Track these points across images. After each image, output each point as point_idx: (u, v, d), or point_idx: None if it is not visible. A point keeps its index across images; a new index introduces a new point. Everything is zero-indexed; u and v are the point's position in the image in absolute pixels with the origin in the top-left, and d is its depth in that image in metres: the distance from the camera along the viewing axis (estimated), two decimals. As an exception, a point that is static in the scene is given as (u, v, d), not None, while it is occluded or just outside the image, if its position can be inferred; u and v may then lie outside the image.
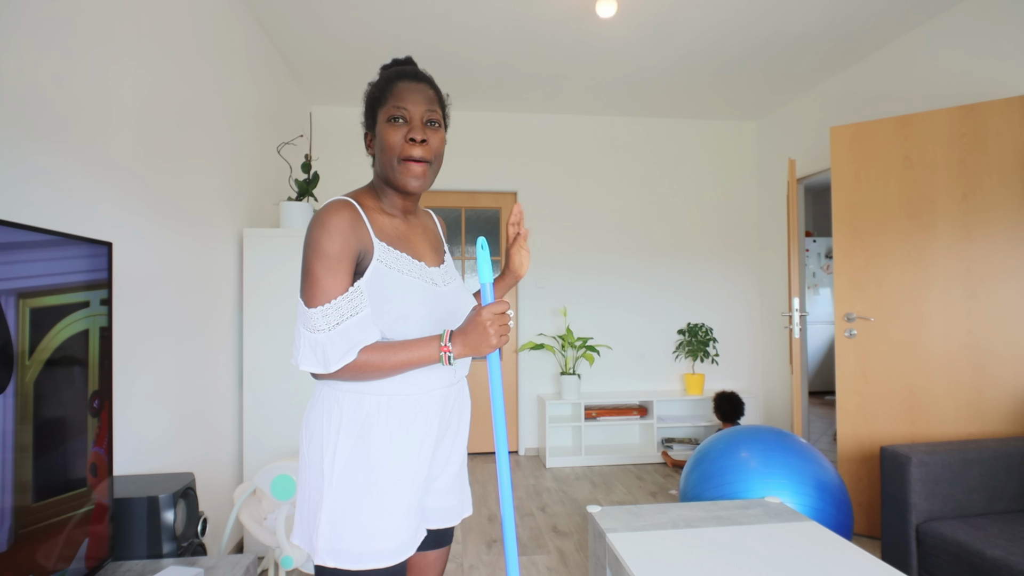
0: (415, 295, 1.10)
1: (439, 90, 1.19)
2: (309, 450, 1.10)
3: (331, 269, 1.02)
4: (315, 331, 1.01)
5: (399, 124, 1.11)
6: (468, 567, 2.63)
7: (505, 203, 4.79)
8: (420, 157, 1.11)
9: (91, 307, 1.31)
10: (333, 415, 1.08)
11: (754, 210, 4.98)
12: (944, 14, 3.12)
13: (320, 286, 1.01)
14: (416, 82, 1.14)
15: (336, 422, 1.07)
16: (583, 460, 4.34)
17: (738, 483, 2.30)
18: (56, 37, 1.57)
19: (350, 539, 1.04)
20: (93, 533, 1.30)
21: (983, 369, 2.68)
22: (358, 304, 1.04)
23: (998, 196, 2.67)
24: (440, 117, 1.15)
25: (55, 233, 1.19)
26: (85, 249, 1.30)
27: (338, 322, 1.01)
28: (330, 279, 1.02)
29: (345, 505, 1.05)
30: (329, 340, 1.00)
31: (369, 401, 1.08)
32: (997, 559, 1.82)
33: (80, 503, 1.26)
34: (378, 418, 1.08)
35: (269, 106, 3.39)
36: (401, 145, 1.11)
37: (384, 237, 1.12)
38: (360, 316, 1.03)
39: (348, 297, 1.03)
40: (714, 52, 3.62)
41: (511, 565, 1.16)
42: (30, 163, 1.47)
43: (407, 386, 1.10)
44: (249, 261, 2.82)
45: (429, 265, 1.19)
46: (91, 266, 1.32)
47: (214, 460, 2.58)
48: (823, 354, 7.15)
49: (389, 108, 1.12)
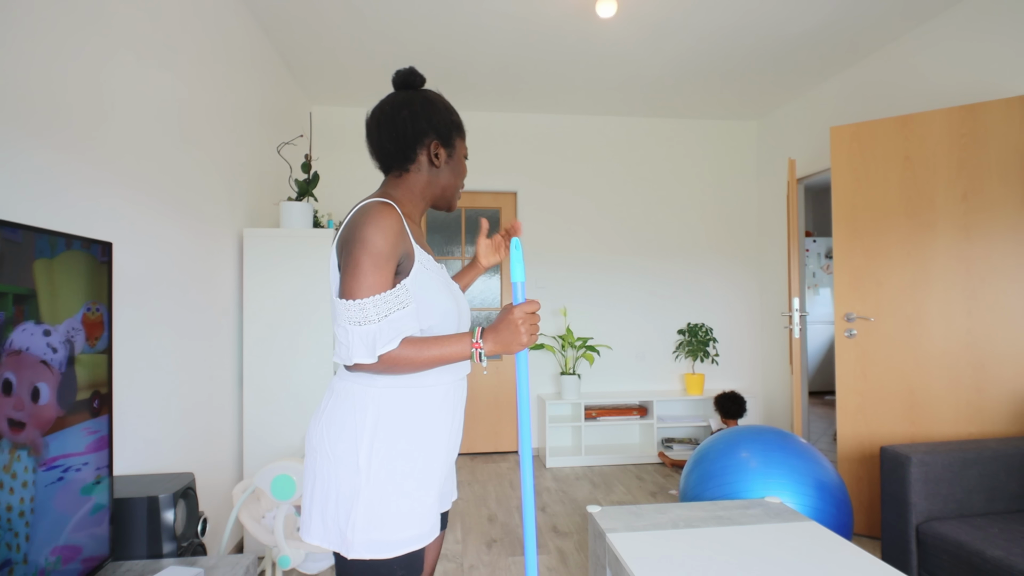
0: (449, 295, 1.19)
1: None
2: (336, 447, 1.11)
3: (380, 267, 1.07)
4: (365, 323, 1.04)
5: (465, 163, 1.26)
6: (468, 567, 2.63)
7: (505, 203, 4.79)
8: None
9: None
10: (369, 410, 1.11)
11: (754, 210, 4.98)
12: (944, 14, 3.12)
13: (370, 280, 1.06)
14: None
15: (373, 416, 1.11)
16: (583, 460, 4.34)
17: (738, 483, 2.30)
18: (55, 35, 1.57)
19: (388, 528, 1.09)
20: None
21: (983, 369, 2.68)
22: (405, 299, 1.09)
23: (998, 196, 2.67)
24: None
25: (55, 233, 1.19)
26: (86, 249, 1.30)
27: (387, 313, 1.06)
28: (380, 275, 1.06)
29: (385, 496, 1.09)
30: (379, 329, 1.05)
31: (402, 394, 1.13)
32: (997, 559, 1.82)
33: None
34: (412, 409, 1.14)
35: (269, 106, 3.39)
36: (462, 180, 1.31)
37: (419, 242, 1.20)
38: (408, 310, 1.08)
39: (396, 292, 1.08)
40: (714, 52, 3.62)
41: (530, 565, 1.23)
42: (29, 163, 1.47)
43: (427, 377, 1.16)
44: (249, 261, 2.82)
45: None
46: (91, 266, 1.32)
47: (214, 460, 2.58)
48: (823, 354, 7.15)
49: (463, 145, 1.30)
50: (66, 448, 1.20)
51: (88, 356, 1.29)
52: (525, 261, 4.69)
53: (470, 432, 4.66)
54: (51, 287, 1.16)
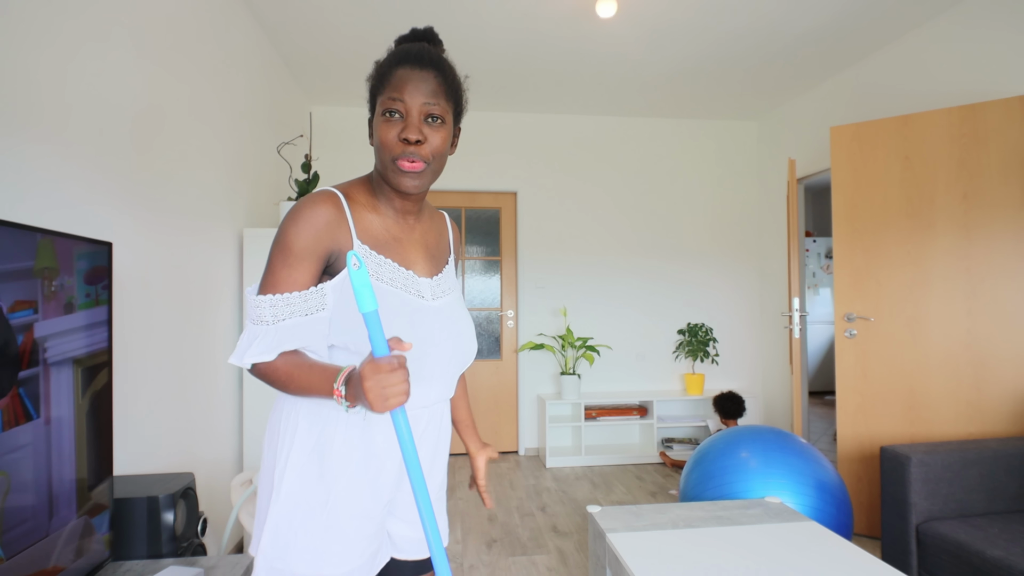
0: (390, 308, 0.96)
1: (450, 74, 1.02)
2: (266, 456, 1.01)
3: (290, 265, 0.92)
4: (257, 322, 0.91)
5: (394, 120, 0.97)
6: (468, 567, 2.63)
7: (505, 203, 4.79)
8: (412, 158, 0.97)
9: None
10: (291, 420, 0.98)
11: (754, 210, 4.98)
12: (944, 14, 3.12)
13: (274, 278, 0.92)
14: (419, 68, 0.97)
15: (292, 428, 0.97)
16: (583, 460, 4.34)
17: (738, 483, 2.30)
18: (55, 35, 1.57)
19: (294, 559, 0.94)
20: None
21: (983, 369, 2.68)
22: (314, 305, 0.93)
23: (998, 196, 2.67)
24: (444, 110, 0.99)
25: (55, 233, 1.19)
26: (85, 249, 1.30)
27: (285, 318, 0.91)
28: (286, 273, 0.92)
29: (292, 521, 0.95)
30: (265, 333, 0.91)
31: (329, 410, 0.97)
32: (997, 559, 1.82)
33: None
34: (337, 428, 0.97)
35: (269, 106, 3.40)
36: (394, 144, 0.97)
37: (368, 239, 1.00)
38: (312, 318, 0.93)
39: (305, 296, 0.93)
40: (714, 52, 3.62)
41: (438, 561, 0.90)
42: (29, 163, 1.47)
43: None
44: (249, 261, 2.82)
45: (420, 275, 1.06)
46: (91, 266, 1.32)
47: (214, 460, 2.58)
48: (823, 354, 7.15)
49: (385, 99, 0.98)
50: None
51: (88, 355, 1.29)
52: (525, 261, 4.70)
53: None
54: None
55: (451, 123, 1.02)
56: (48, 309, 1.16)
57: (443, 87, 0.99)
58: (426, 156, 0.98)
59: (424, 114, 0.97)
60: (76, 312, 1.25)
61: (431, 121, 0.98)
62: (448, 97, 1.00)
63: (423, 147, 0.98)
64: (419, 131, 0.97)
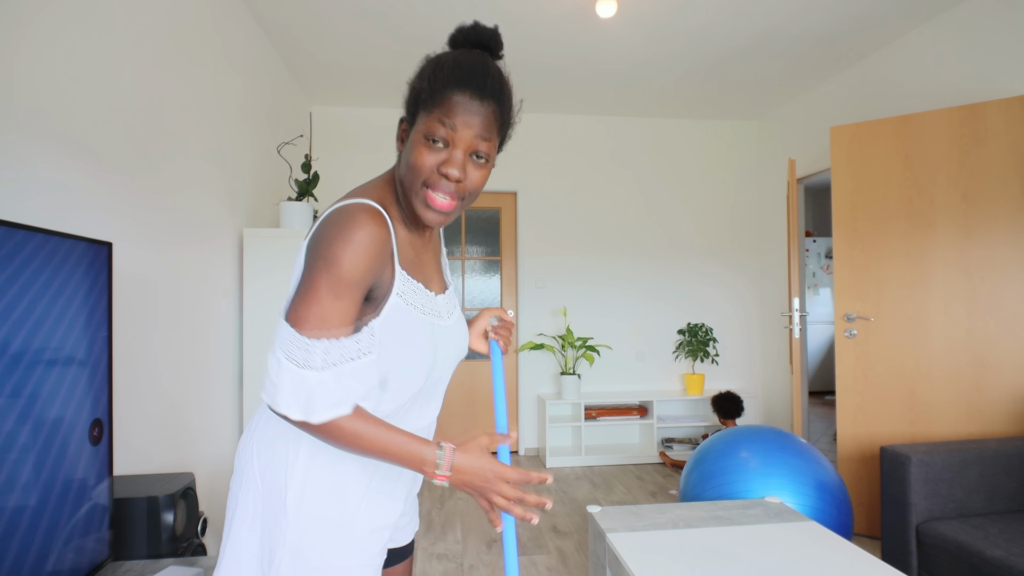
0: (428, 342, 0.92)
1: (507, 106, 0.92)
2: (265, 473, 0.91)
3: (341, 296, 0.81)
4: (304, 366, 0.79)
5: (436, 147, 0.86)
6: (468, 567, 2.63)
7: (505, 203, 4.79)
8: (446, 193, 0.88)
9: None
10: (303, 440, 0.90)
11: (754, 210, 4.98)
12: (944, 14, 3.12)
13: (321, 310, 0.80)
14: (479, 99, 0.86)
15: (305, 450, 0.90)
16: (583, 460, 4.34)
17: (738, 483, 2.30)
18: (55, 35, 1.57)
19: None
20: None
21: (983, 369, 2.68)
22: (366, 347, 0.84)
23: (998, 196, 2.67)
24: (491, 148, 0.90)
25: (55, 233, 1.19)
26: (85, 249, 1.30)
27: (337, 363, 0.80)
28: (338, 306, 0.81)
29: (315, 544, 0.89)
30: (320, 382, 0.79)
31: None
32: (997, 559, 1.82)
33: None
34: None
35: (269, 106, 3.40)
36: (431, 172, 0.87)
37: (404, 262, 0.92)
38: (364, 361, 0.83)
39: (358, 338, 0.83)
40: (714, 52, 3.62)
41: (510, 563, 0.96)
42: (29, 163, 1.47)
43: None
44: (249, 261, 2.82)
45: (436, 292, 1.01)
46: (91, 266, 1.32)
47: (214, 460, 2.58)
48: (823, 354, 7.15)
49: (432, 120, 0.86)
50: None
51: (88, 355, 1.29)
52: (524, 261, 4.70)
53: (469, 432, 4.66)
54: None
55: (495, 158, 0.93)
56: (48, 309, 1.16)
57: (497, 122, 0.91)
58: (461, 193, 0.89)
59: (471, 150, 0.88)
60: (76, 312, 1.25)
61: (475, 159, 0.89)
62: (499, 131, 0.92)
63: (461, 185, 0.89)
64: (463, 169, 0.88)
